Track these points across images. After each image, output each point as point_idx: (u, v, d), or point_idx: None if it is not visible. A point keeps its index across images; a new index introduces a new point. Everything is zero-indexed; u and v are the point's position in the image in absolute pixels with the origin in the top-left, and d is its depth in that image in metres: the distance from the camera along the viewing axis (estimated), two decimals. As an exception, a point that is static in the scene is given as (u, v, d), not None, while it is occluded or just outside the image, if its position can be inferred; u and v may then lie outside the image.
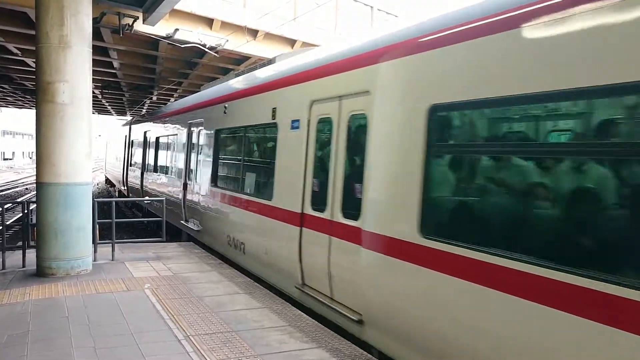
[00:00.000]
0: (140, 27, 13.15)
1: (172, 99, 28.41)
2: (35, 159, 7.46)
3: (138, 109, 34.45)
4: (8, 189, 31.75)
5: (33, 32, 11.48)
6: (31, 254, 7.68)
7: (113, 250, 8.50)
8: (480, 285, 3.56)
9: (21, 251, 7.97)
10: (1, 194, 28.64)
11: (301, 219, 6.05)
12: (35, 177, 7.46)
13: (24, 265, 7.78)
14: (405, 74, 4.55)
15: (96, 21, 11.35)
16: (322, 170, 5.81)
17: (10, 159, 77.70)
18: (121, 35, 13.07)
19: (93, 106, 7.85)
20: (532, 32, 3.37)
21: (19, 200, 19.17)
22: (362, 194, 4.92)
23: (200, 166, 10.40)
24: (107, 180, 34.69)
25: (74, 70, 7.24)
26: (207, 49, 14.51)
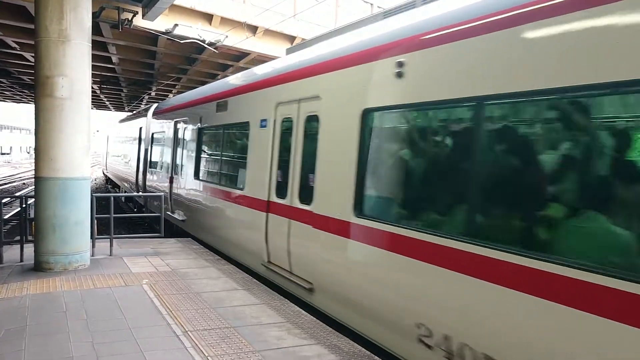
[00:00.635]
0: (140, 22, 13.12)
1: (171, 95, 28.33)
2: (34, 154, 7.44)
3: (136, 104, 34.33)
4: (5, 184, 31.68)
5: (31, 26, 11.45)
6: (29, 249, 7.67)
7: (111, 245, 8.49)
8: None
9: (19, 245, 7.95)
10: (-2, 188, 28.58)
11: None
12: (34, 172, 7.45)
13: (21, 260, 7.77)
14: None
15: (95, 16, 11.31)
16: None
17: (7, 154, 77.49)
18: (120, 30, 13.05)
19: (91, 101, 7.82)
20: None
21: (17, 194, 19.13)
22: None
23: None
24: (108, 181, 30.13)
25: (73, 64, 7.21)
26: (206, 45, 14.48)
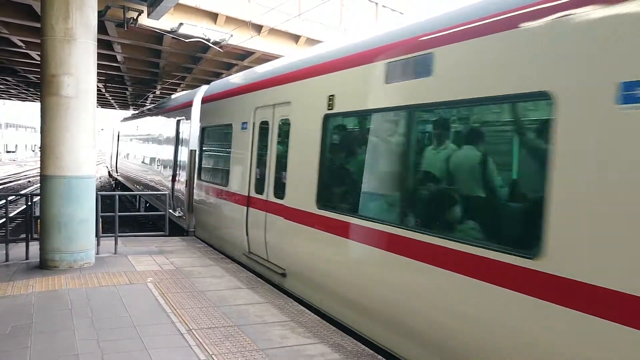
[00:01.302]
0: (145, 21, 13.14)
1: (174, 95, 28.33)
2: (40, 152, 7.48)
3: (141, 102, 34.40)
4: (11, 182, 31.84)
5: (37, 25, 11.48)
6: (34, 247, 7.71)
7: (116, 243, 8.52)
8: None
9: (24, 243, 7.99)
10: (4, 186, 28.72)
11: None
12: (40, 170, 7.48)
13: (27, 258, 7.81)
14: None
15: (101, 14, 11.33)
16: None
17: (13, 152, 77.83)
18: (125, 29, 13.06)
19: (96, 100, 7.84)
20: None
21: (22, 192, 19.21)
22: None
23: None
24: (118, 185, 25.81)
25: (79, 63, 7.24)
26: (211, 44, 14.49)
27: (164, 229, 9.54)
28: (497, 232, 3.70)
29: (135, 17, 12.76)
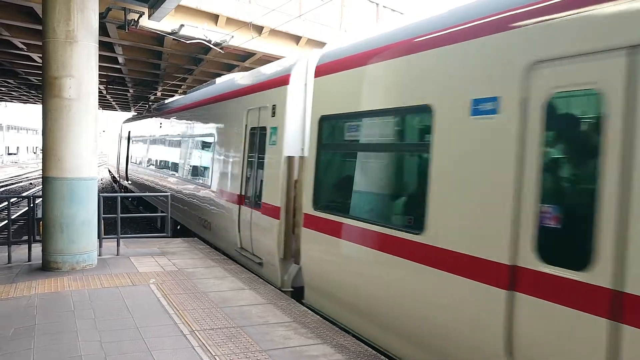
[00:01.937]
0: (146, 22, 13.13)
1: (177, 95, 28.39)
2: (42, 154, 7.49)
3: (142, 104, 34.42)
4: (12, 184, 31.89)
5: (39, 27, 11.53)
6: (37, 248, 7.73)
7: (118, 245, 8.53)
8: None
9: (27, 245, 8.01)
10: (6, 188, 28.76)
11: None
12: (42, 172, 7.49)
13: (29, 260, 7.83)
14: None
15: (102, 16, 11.35)
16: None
17: (14, 154, 77.92)
18: (126, 31, 13.06)
19: (98, 102, 7.86)
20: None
21: (24, 194, 19.22)
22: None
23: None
24: (126, 191, 22.55)
25: (80, 65, 7.26)
26: (212, 45, 14.49)
27: (166, 230, 9.52)
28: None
29: (136, 19, 12.76)
